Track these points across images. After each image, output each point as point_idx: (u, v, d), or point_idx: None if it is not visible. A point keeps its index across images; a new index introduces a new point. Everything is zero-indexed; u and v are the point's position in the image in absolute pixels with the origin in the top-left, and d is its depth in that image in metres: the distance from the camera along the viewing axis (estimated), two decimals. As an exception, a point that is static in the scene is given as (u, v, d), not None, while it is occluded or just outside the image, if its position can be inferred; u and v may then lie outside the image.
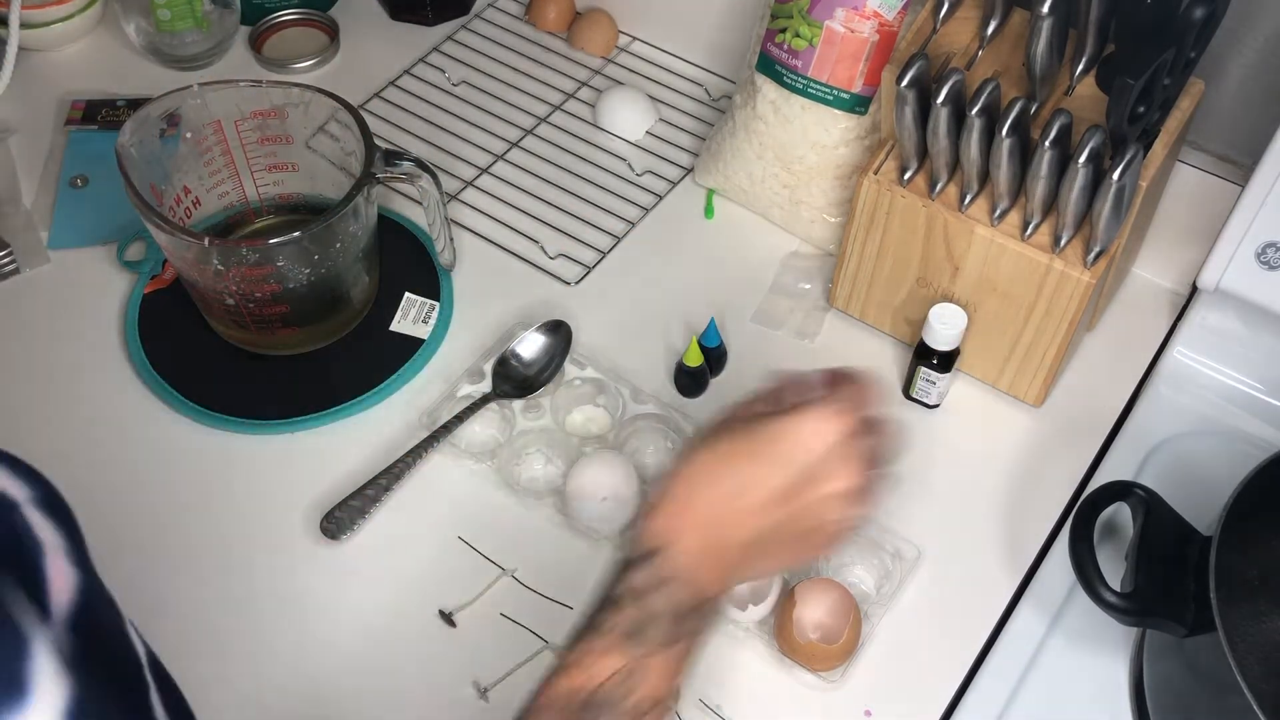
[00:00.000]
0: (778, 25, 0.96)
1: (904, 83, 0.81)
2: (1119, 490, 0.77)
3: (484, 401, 0.91)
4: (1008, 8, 0.88)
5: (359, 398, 0.93)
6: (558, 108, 1.16)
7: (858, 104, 0.96)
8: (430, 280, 1.00)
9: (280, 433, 0.92)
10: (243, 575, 0.84)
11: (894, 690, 0.79)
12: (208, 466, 0.90)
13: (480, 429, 0.92)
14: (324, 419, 0.92)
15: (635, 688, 0.58)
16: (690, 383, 0.93)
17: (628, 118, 1.13)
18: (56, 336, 0.98)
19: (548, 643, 0.81)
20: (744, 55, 1.04)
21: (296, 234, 0.85)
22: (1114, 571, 0.77)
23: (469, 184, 1.09)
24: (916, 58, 0.81)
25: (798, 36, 0.95)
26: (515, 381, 0.92)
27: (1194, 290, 0.93)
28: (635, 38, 1.21)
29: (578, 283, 1.02)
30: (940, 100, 0.80)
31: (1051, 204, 0.83)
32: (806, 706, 0.79)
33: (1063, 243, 0.84)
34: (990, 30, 0.88)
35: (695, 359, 0.92)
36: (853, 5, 0.92)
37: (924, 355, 0.90)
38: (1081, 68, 0.85)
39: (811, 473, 0.62)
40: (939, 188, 0.87)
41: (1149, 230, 0.98)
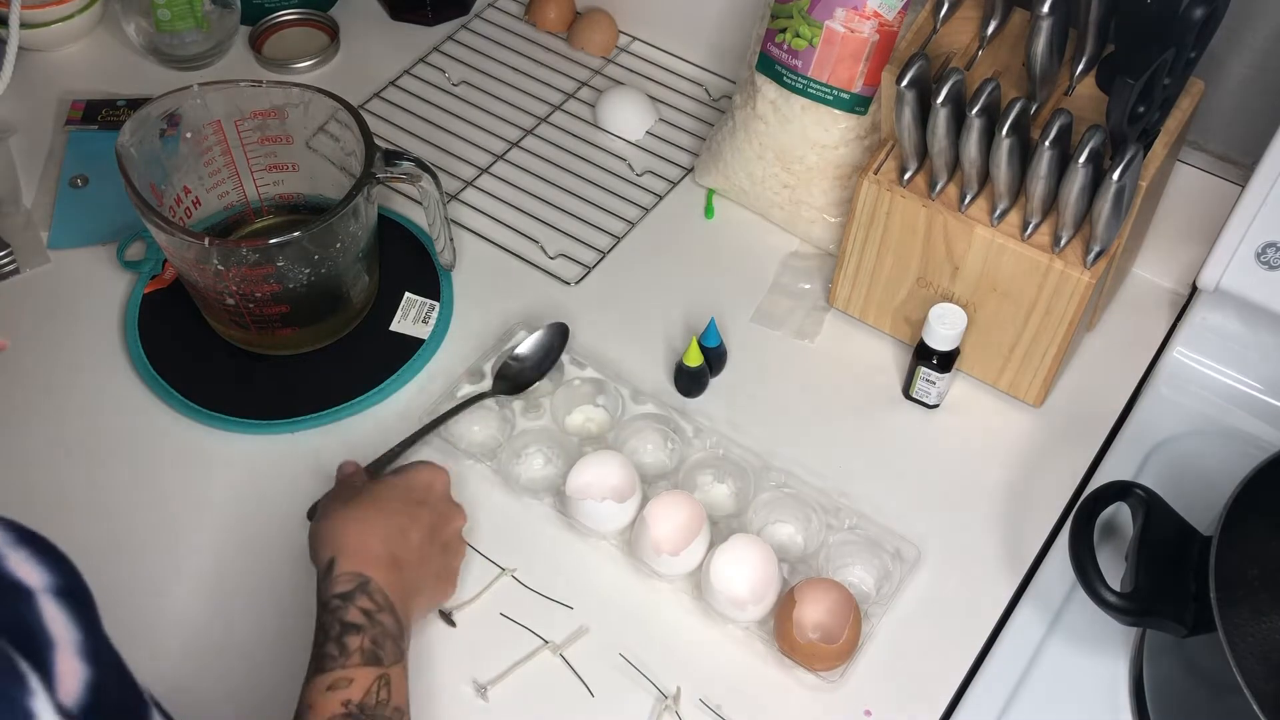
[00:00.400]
0: (778, 25, 0.96)
1: (904, 83, 0.81)
2: (1119, 490, 0.77)
3: (479, 398, 0.91)
4: (1008, 8, 0.88)
5: (359, 398, 0.93)
6: (558, 108, 1.16)
7: (858, 104, 0.96)
8: (430, 280, 1.00)
9: (280, 433, 0.92)
10: (242, 575, 0.84)
11: (894, 690, 0.79)
12: (208, 466, 0.90)
13: (480, 429, 0.92)
14: (324, 419, 0.92)
15: (390, 697, 0.68)
16: (690, 383, 0.93)
17: (628, 118, 1.13)
18: (56, 336, 0.98)
19: (547, 642, 0.81)
20: (744, 55, 1.04)
21: (296, 234, 0.85)
22: (1114, 571, 0.77)
23: (469, 184, 1.09)
24: (916, 58, 0.81)
25: (798, 36, 0.95)
26: (510, 380, 0.92)
27: (1194, 290, 0.93)
28: (635, 38, 1.21)
29: (578, 283, 1.02)
30: (940, 100, 0.80)
31: (1051, 204, 0.83)
32: (807, 706, 0.79)
33: (1063, 243, 0.84)
34: (990, 30, 0.88)
35: (695, 359, 0.92)
36: (853, 5, 0.92)
37: (924, 355, 0.90)
38: (1081, 68, 0.85)
39: (440, 511, 0.78)
40: (939, 188, 0.87)
41: (1149, 230, 0.98)
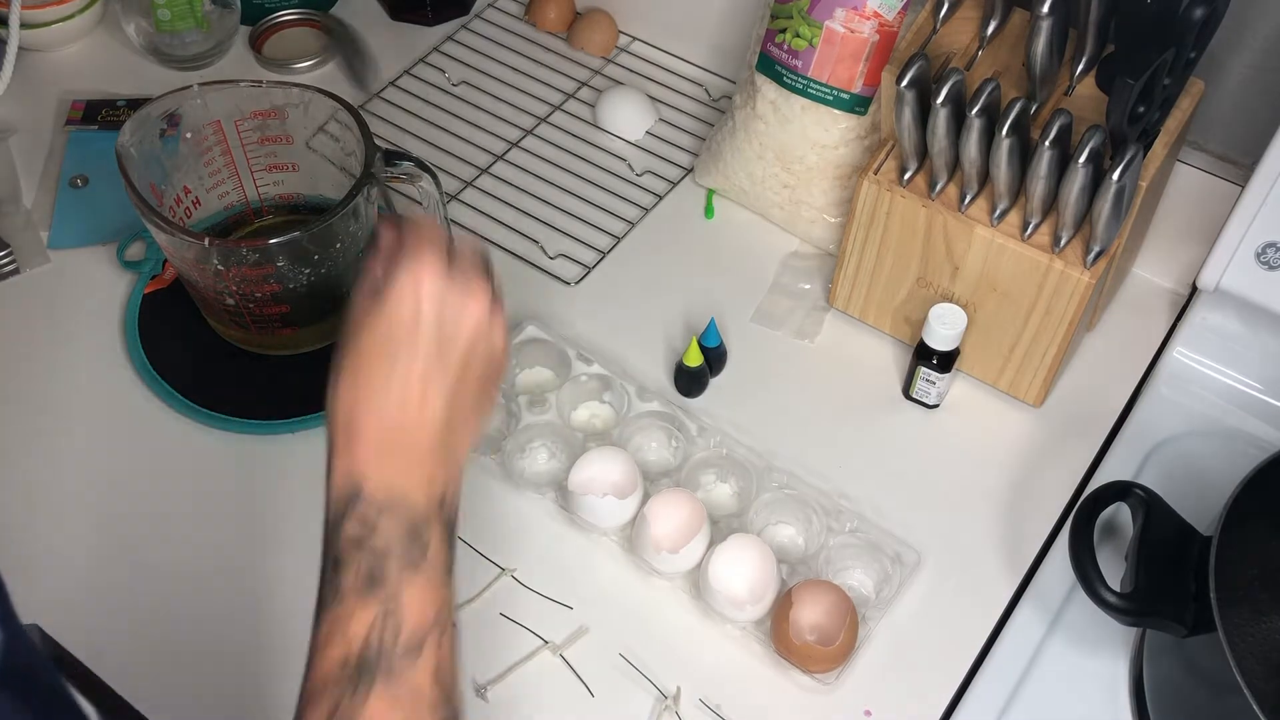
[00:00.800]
0: (778, 25, 0.96)
1: (904, 83, 0.81)
2: (1119, 490, 0.77)
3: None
4: (1008, 8, 0.88)
5: (359, 398, 0.93)
6: (558, 108, 1.16)
7: (857, 104, 0.96)
8: (430, 280, 1.00)
9: (280, 433, 0.92)
10: (243, 574, 0.84)
11: (894, 690, 0.79)
12: (208, 466, 0.90)
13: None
14: (324, 419, 0.92)
15: (400, 624, 0.55)
16: (690, 383, 0.93)
17: (628, 118, 1.13)
18: (56, 336, 0.98)
19: (546, 642, 0.81)
20: (744, 55, 1.04)
21: (296, 234, 0.85)
22: (1114, 572, 0.77)
23: (469, 184, 1.09)
24: (916, 58, 0.81)
25: (798, 37, 0.95)
26: None
27: (1194, 290, 0.92)
28: (635, 38, 1.21)
29: (578, 283, 1.02)
30: (940, 100, 0.80)
31: (1051, 204, 0.83)
32: (807, 707, 0.79)
33: (1063, 243, 0.84)
34: (990, 30, 0.88)
35: (695, 359, 0.92)
36: (853, 5, 0.92)
37: (924, 355, 0.90)
38: (1081, 68, 0.85)
39: (441, 320, 0.60)
40: (939, 188, 0.87)
41: (1149, 230, 0.98)
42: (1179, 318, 0.97)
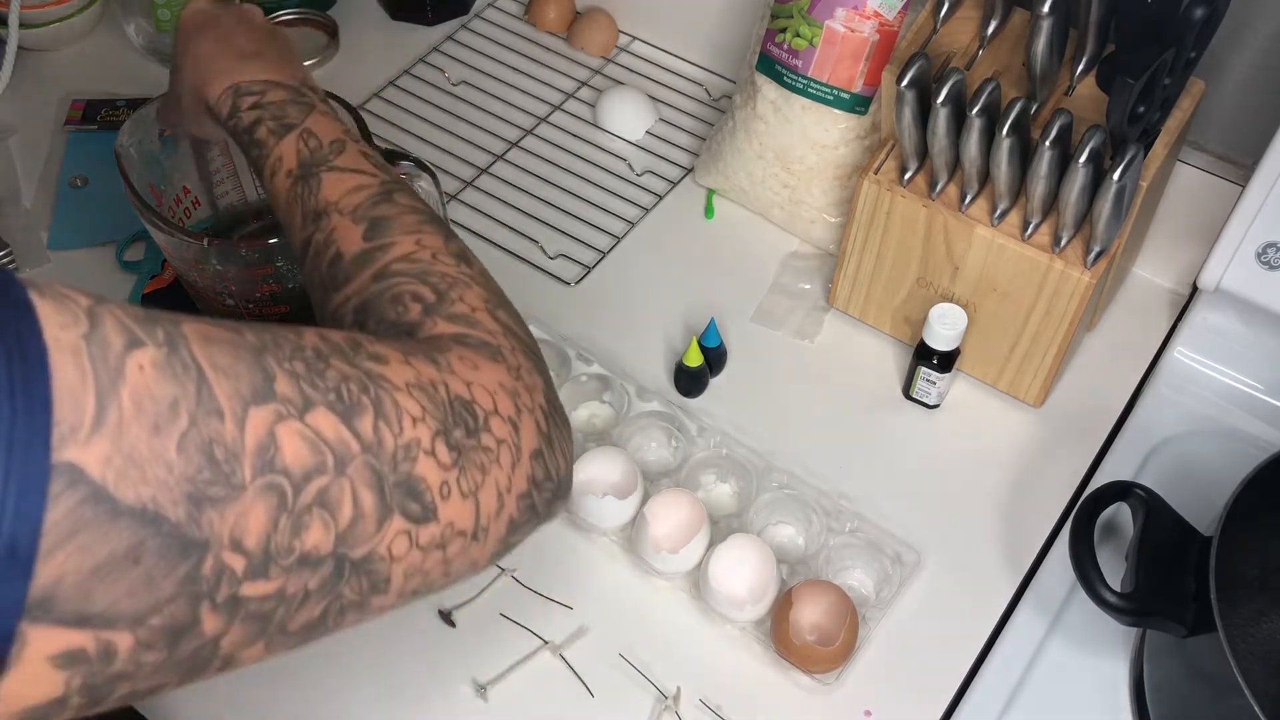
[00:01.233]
0: (778, 25, 0.96)
1: (904, 83, 0.81)
2: (1119, 490, 0.77)
3: None
4: (1008, 8, 0.88)
5: (359, 398, 0.93)
6: (557, 108, 1.16)
7: (858, 104, 0.96)
8: (430, 280, 1.00)
9: (280, 433, 0.91)
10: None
11: (894, 690, 0.79)
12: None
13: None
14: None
15: (319, 137, 0.65)
16: (690, 383, 0.93)
17: (628, 118, 1.13)
18: (56, 336, 0.98)
19: (546, 642, 0.81)
20: (744, 55, 1.04)
21: (296, 234, 0.85)
22: (1114, 572, 0.77)
23: (469, 184, 1.09)
24: (917, 58, 0.81)
25: (798, 36, 0.95)
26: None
27: (1194, 290, 0.92)
28: (635, 37, 1.21)
29: (577, 283, 1.02)
30: (940, 100, 0.80)
31: (1052, 204, 0.83)
32: (807, 707, 0.79)
33: (1063, 243, 0.84)
34: (990, 30, 0.88)
35: (695, 359, 0.92)
36: (853, 5, 0.92)
37: (924, 355, 0.90)
38: (1082, 68, 0.85)
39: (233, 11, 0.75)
40: (939, 188, 0.87)
41: (1149, 230, 0.98)
42: (1179, 318, 0.97)
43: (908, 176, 0.88)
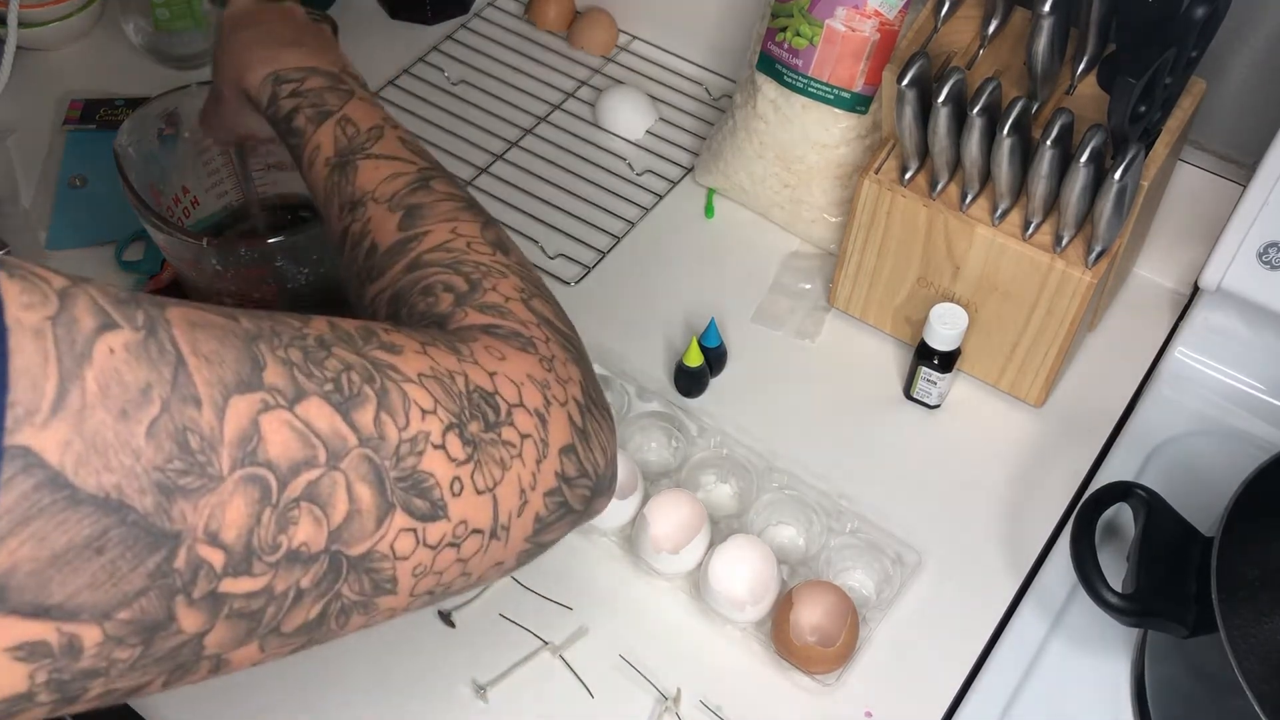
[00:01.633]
0: (778, 24, 0.96)
1: (905, 82, 0.81)
2: (1120, 491, 0.77)
3: None
4: (1009, 7, 0.88)
5: (358, 398, 0.92)
6: (557, 107, 1.16)
7: (858, 103, 0.96)
8: (430, 280, 1.00)
9: (279, 433, 0.91)
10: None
11: (895, 691, 0.79)
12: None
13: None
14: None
15: (356, 125, 0.65)
16: (690, 383, 0.93)
17: (628, 117, 1.13)
18: (55, 336, 0.98)
19: (546, 643, 0.80)
20: (744, 54, 1.03)
21: (295, 234, 0.85)
22: (1115, 572, 0.77)
23: (468, 183, 1.09)
24: (917, 57, 0.81)
25: (798, 35, 0.95)
26: None
27: (1195, 290, 0.92)
28: (635, 37, 1.21)
29: (577, 283, 1.02)
30: (941, 100, 0.80)
31: (1053, 204, 0.83)
32: (808, 707, 0.78)
33: (1064, 242, 0.84)
34: (991, 29, 0.88)
35: (695, 359, 0.91)
36: (853, 4, 0.91)
37: (925, 355, 0.90)
38: (1083, 67, 0.85)
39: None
40: (940, 187, 0.87)
41: (1150, 230, 0.98)
42: (1181, 318, 0.97)
43: (908, 176, 0.88)
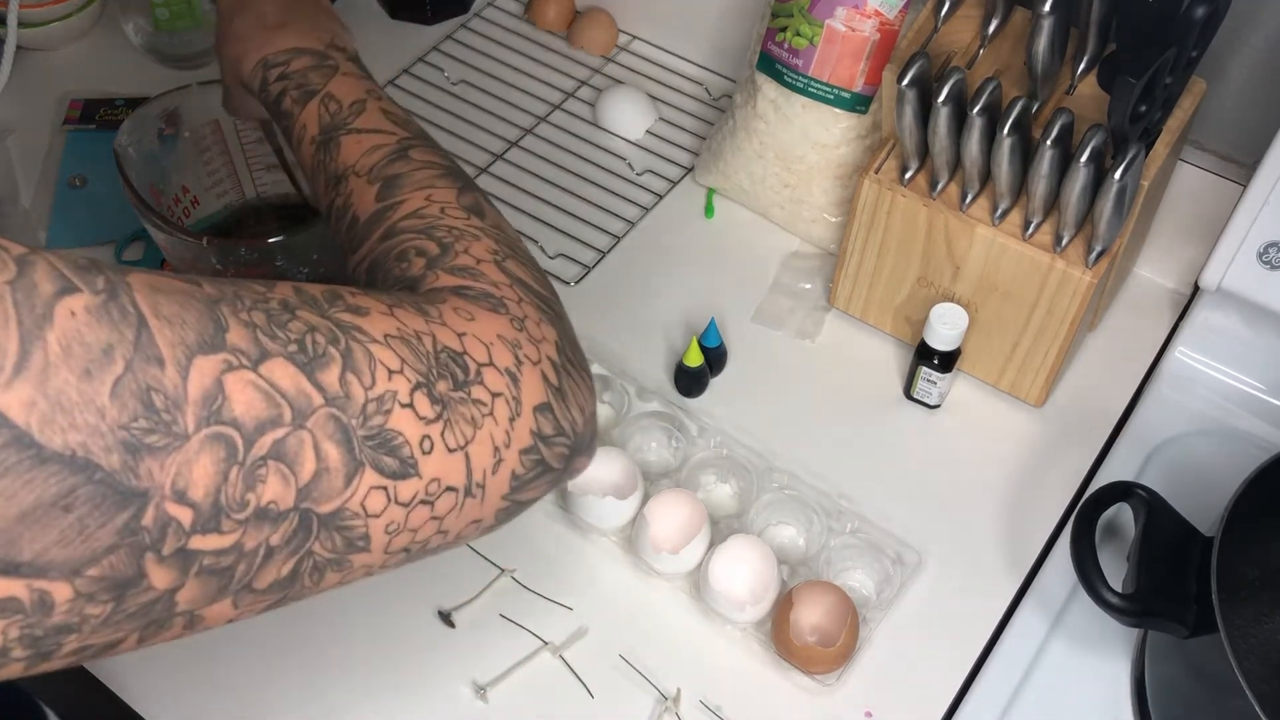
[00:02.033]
0: (778, 24, 0.96)
1: (905, 82, 0.81)
2: (1121, 491, 0.77)
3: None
4: (1009, 7, 0.88)
5: (358, 398, 0.92)
6: (557, 107, 1.16)
7: (858, 103, 0.96)
8: (429, 280, 1.00)
9: (279, 433, 0.91)
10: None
11: (895, 691, 0.79)
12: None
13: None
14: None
15: (339, 101, 0.66)
16: (690, 383, 0.93)
17: (628, 117, 1.13)
18: (55, 336, 0.98)
19: (546, 643, 0.80)
20: (744, 54, 1.03)
21: (295, 234, 0.85)
22: (1116, 572, 0.77)
23: (468, 183, 1.09)
24: (917, 57, 0.81)
25: (798, 35, 0.95)
26: None
27: (1196, 290, 0.92)
28: (635, 37, 1.21)
29: (577, 283, 1.02)
30: (941, 99, 0.80)
31: (1053, 203, 0.83)
32: (808, 707, 0.78)
33: (1064, 242, 0.84)
34: (991, 29, 0.88)
35: (695, 359, 0.91)
36: (854, 4, 0.91)
37: (925, 355, 0.90)
38: (1083, 67, 0.85)
39: None
40: (940, 187, 0.87)
41: (1151, 230, 0.98)
42: (1181, 318, 0.97)
43: (908, 176, 0.88)
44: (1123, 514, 0.83)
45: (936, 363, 0.90)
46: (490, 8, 1.25)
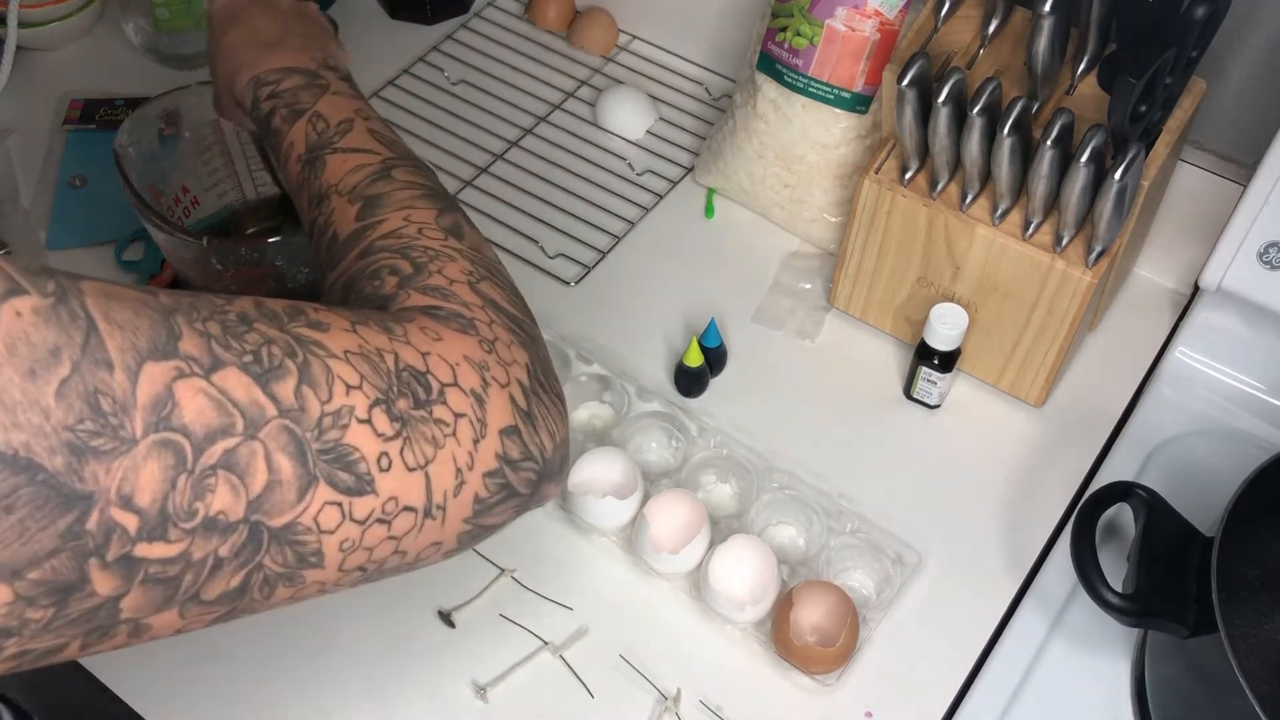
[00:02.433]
0: (778, 24, 0.96)
1: (905, 82, 0.81)
2: (1121, 491, 0.77)
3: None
4: (1009, 7, 0.88)
5: (358, 398, 0.92)
6: (557, 107, 1.16)
7: (858, 103, 0.96)
8: (429, 280, 1.00)
9: (279, 433, 0.91)
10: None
11: (895, 691, 0.79)
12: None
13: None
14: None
15: (326, 120, 0.66)
16: (690, 383, 0.93)
17: (628, 117, 1.13)
18: (55, 336, 0.97)
19: (546, 643, 0.80)
20: (744, 54, 1.03)
21: (295, 233, 0.85)
22: (1116, 572, 0.77)
23: (468, 184, 1.09)
24: (917, 57, 0.81)
25: (798, 35, 0.95)
26: None
27: (1196, 290, 0.92)
28: (635, 36, 1.21)
29: (577, 283, 1.02)
30: (941, 99, 0.80)
31: (1053, 203, 0.83)
32: (807, 708, 0.78)
33: (1064, 242, 0.84)
34: (991, 29, 0.88)
35: (695, 359, 0.91)
36: (854, 4, 0.91)
37: (925, 355, 0.90)
38: (1083, 67, 0.85)
39: None
40: (940, 187, 0.87)
41: (1151, 230, 0.98)
42: (1181, 318, 0.97)
43: (908, 176, 0.88)
44: (1123, 514, 0.83)
45: (936, 363, 0.90)
46: (490, 8, 1.25)
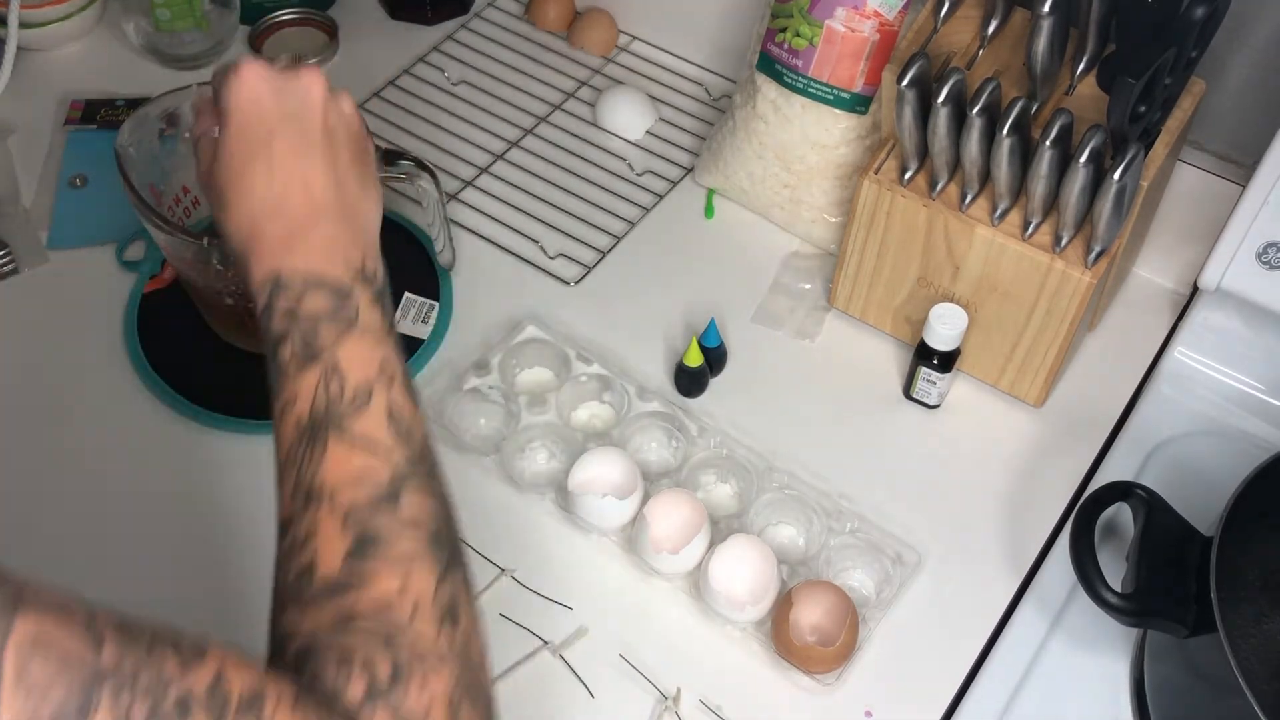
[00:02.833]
0: (778, 24, 0.96)
1: (904, 82, 0.81)
2: (1120, 490, 0.77)
3: None
4: (1008, 7, 0.88)
5: (358, 398, 0.92)
6: (558, 107, 1.16)
7: (858, 103, 0.96)
8: (430, 280, 1.00)
9: (279, 433, 0.91)
10: (242, 576, 0.84)
11: (895, 691, 0.79)
12: (208, 467, 0.90)
13: (485, 422, 0.92)
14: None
15: (343, 380, 0.56)
16: (690, 383, 0.93)
17: (628, 117, 1.13)
18: (56, 336, 0.98)
19: (546, 643, 0.80)
20: (744, 55, 1.03)
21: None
22: (1115, 572, 0.77)
23: (468, 184, 1.09)
24: (917, 57, 0.81)
25: (798, 36, 0.95)
26: None
27: (1195, 290, 0.92)
28: (635, 37, 1.21)
29: (577, 282, 1.02)
30: (941, 100, 0.80)
31: (1052, 204, 0.83)
32: (807, 707, 0.78)
33: (1063, 242, 0.84)
34: (991, 30, 0.88)
35: (695, 359, 0.91)
36: (853, 4, 0.92)
37: (924, 355, 0.90)
38: (1082, 67, 0.85)
39: (284, 105, 0.63)
40: (939, 187, 0.87)
41: (1150, 230, 0.98)
42: (1180, 318, 0.97)
43: (908, 176, 0.88)
44: (1122, 514, 0.83)
45: (936, 363, 0.90)
46: (490, 8, 1.25)
